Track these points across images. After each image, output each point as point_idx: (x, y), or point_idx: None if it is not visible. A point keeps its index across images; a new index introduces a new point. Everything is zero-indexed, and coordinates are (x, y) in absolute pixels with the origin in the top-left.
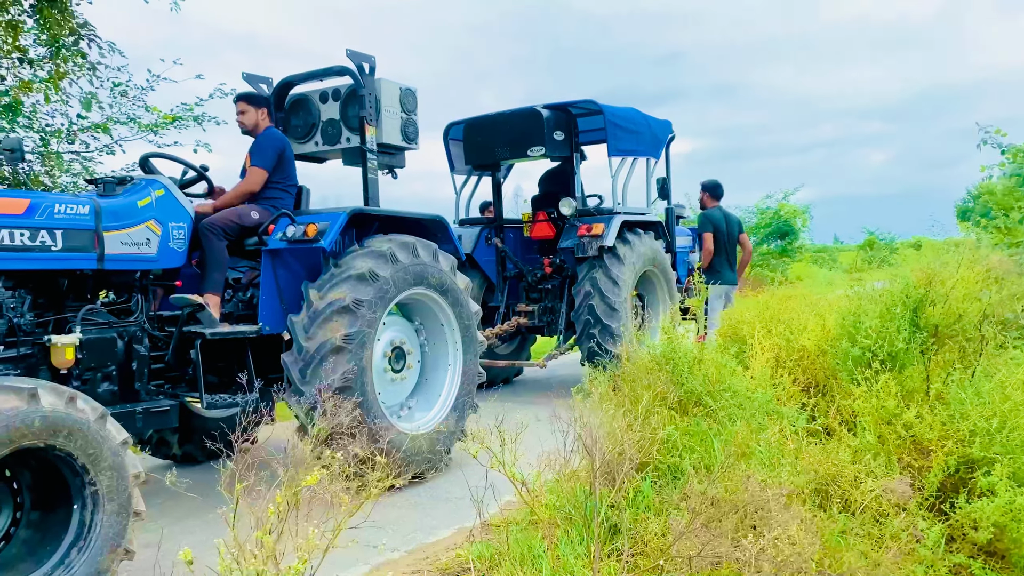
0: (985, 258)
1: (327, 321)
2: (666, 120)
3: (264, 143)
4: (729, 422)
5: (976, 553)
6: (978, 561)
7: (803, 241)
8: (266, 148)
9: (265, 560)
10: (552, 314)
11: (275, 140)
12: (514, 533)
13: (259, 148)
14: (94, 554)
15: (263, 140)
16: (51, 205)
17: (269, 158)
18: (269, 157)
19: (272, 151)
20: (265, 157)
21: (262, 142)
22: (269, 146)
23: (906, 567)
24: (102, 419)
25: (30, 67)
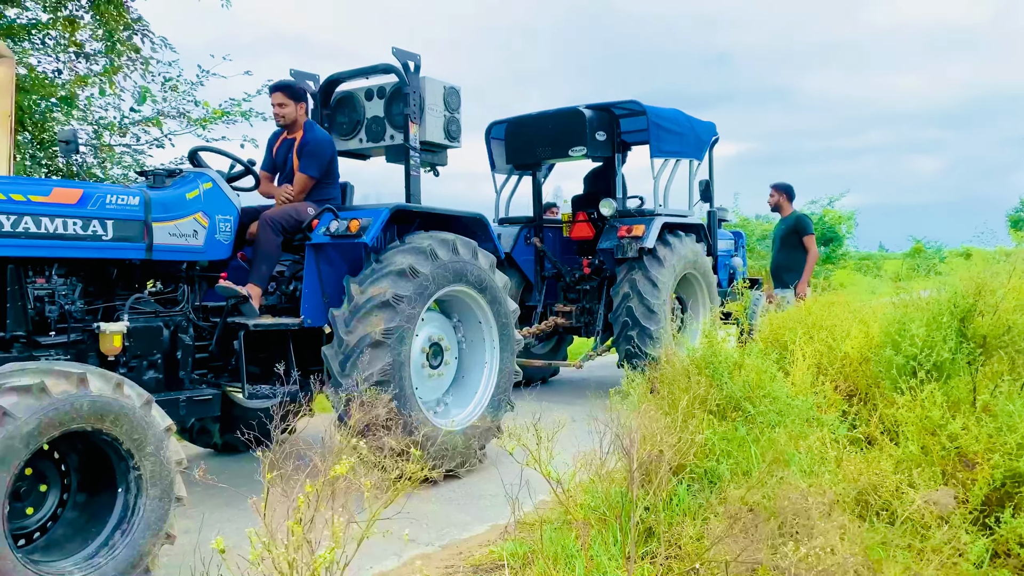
0: None
1: (367, 315)
2: (710, 122)
3: (315, 151)
4: (768, 428)
5: (1021, 570)
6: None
7: (847, 248)
8: (318, 156)
9: (297, 548)
10: (590, 315)
11: (325, 147)
12: (548, 532)
13: (310, 155)
14: (137, 537)
15: (314, 147)
16: (103, 196)
17: (321, 166)
18: (321, 165)
19: (324, 159)
20: (317, 165)
21: (313, 149)
22: (320, 154)
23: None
24: (147, 405)
25: (86, 61)
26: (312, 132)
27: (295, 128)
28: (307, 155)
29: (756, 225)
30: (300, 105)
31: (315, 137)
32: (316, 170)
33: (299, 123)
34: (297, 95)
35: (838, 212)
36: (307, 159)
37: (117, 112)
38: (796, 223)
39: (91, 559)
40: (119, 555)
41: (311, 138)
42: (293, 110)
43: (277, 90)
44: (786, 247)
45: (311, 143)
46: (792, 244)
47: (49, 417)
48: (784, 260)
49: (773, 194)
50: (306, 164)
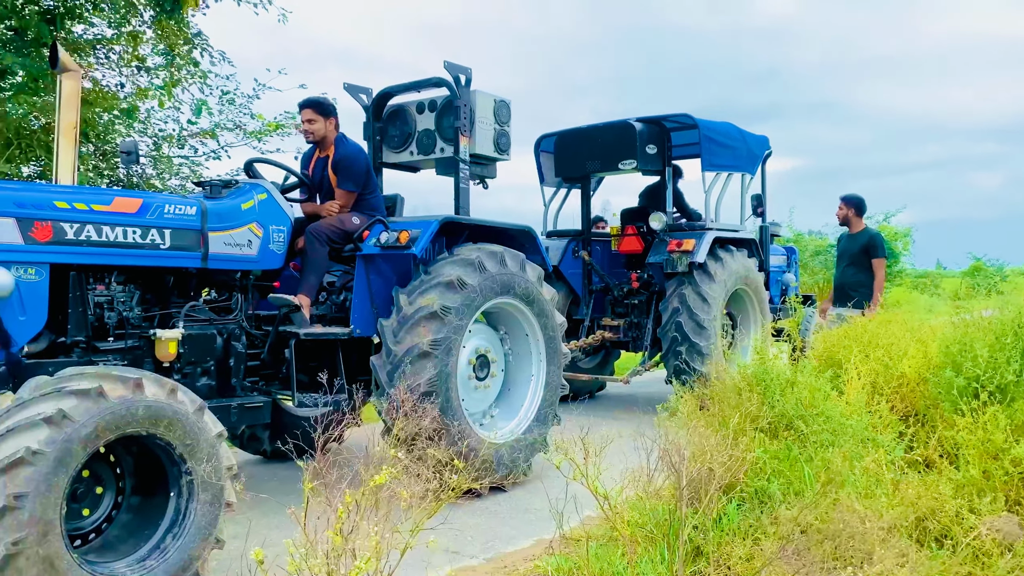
0: None
1: (415, 326)
2: (763, 136)
3: (350, 166)
4: (822, 448)
5: None
6: None
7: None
8: (353, 171)
9: (337, 559)
10: (638, 329)
11: (359, 161)
12: (594, 548)
13: (346, 171)
14: (187, 541)
15: (347, 162)
16: (161, 205)
17: (358, 180)
18: (358, 179)
19: (359, 173)
20: (354, 180)
21: (348, 165)
22: (356, 169)
23: None
24: (200, 411)
25: (147, 75)
26: (343, 147)
27: (326, 145)
28: (342, 171)
29: (809, 241)
30: (330, 120)
31: (347, 152)
32: (353, 184)
33: (329, 139)
34: (326, 111)
35: (894, 228)
36: (343, 175)
37: (176, 124)
38: (869, 242)
39: (143, 561)
40: (170, 558)
41: (343, 153)
42: (322, 126)
43: (306, 107)
44: (854, 265)
45: (344, 158)
46: (861, 264)
47: (106, 420)
48: (851, 279)
49: (842, 207)
50: (343, 180)
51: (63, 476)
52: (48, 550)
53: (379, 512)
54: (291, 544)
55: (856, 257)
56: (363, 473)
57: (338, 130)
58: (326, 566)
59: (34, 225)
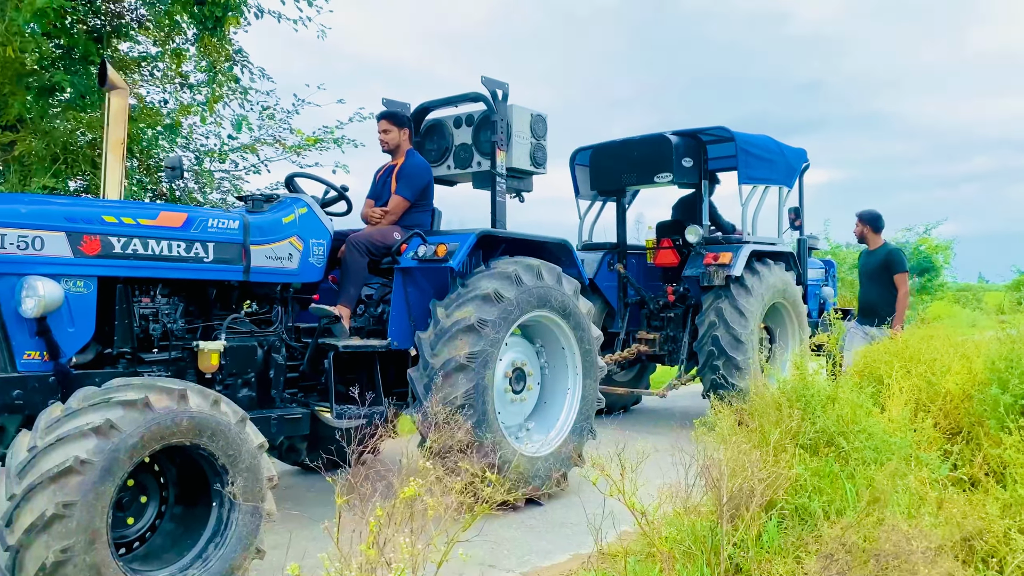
0: None
1: (452, 339)
2: (801, 148)
3: (413, 174)
4: (864, 465)
5: None
6: None
7: (945, 278)
8: (414, 180)
9: (372, 572)
10: (674, 343)
11: (424, 172)
12: (631, 564)
13: (408, 178)
14: (229, 551)
15: (413, 171)
16: (205, 219)
17: (415, 190)
18: (415, 189)
19: (420, 184)
20: (412, 189)
21: (412, 173)
22: (418, 178)
23: None
24: (242, 422)
25: (189, 91)
26: (412, 158)
27: (398, 154)
28: (403, 178)
29: (847, 254)
30: (404, 131)
31: (414, 163)
32: (410, 193)
33: (402, 148)
34: (400, 122)
35: (934, 241)
36: (403, 182)
37: (217, 139)
38: (887, 258)
39: (185, 570)
40: (212, 567)
41: (410, 163)
42: (396, 135)
43: (382, 118)
44: (876, 283)
45: (409, 168)
46: (883, 281)
47: (152, 431)
48: (875, 297)
49: (858, 224)
50: (402, 187)
51: (110, 485)
52: (95, 558)
53: (413, 524)
54: (326, 558)
55: (875, 274)
56: (396, 485)
57: (411, 142)
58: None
59: (83, 239)
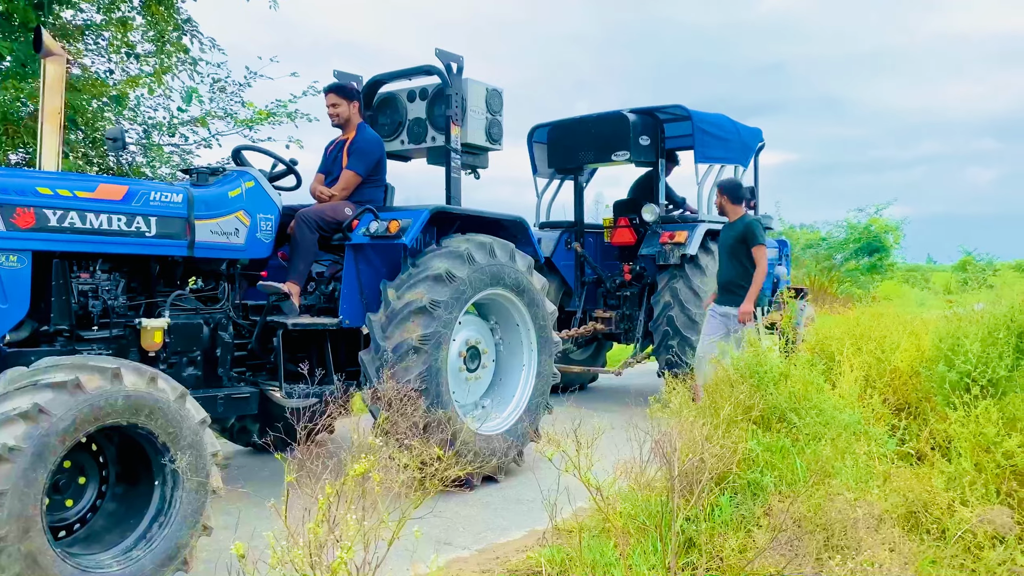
0: None
1: (404, 321)
2: (756, 128)
3: (365, 148)
4: (814, 440)
5: None
6: None
7: (894, 259)
8: (366, 155)
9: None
10: (630, 321)
11: (375, 146)
12: (586, 539)
13: (359, 153)
14: (174, 530)
15: (364, 145)
16: (147, 192)
17: (367, 165)
18: (368, 164)
19: (372, 159)
20: (364, 164)
21: (363, 147)
22: (370, 153)
23: None
24: (181, 399)
25: (136, 61)
26: (363, 132)
27: (349, 128)
28: (354, 153)
29: (801, 234)
30: (353, 104)
31: (365, 137)
32: (362, 168)
33: (352, 123)
34: (349, 95)
35: (885, 221)
36: (354, 157)
37: (166, 112)
38: (744, 230)
39: (129, 552)
40: (157, 547)
41: (361, 137)
42: (346, 109)
43: (330, 91)
44: (734, 259)
45: (360, 142)
46: (739, 255)
47: (84, 413)
48: (732, 275)
49: (717, 195)
50: (353, 162)
51: (42, 471)
52: (30, 546)
53: (365, 501)
54: (272, 536)
55: (733, 248)
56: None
57: (362, 116)
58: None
59: (16, 211)
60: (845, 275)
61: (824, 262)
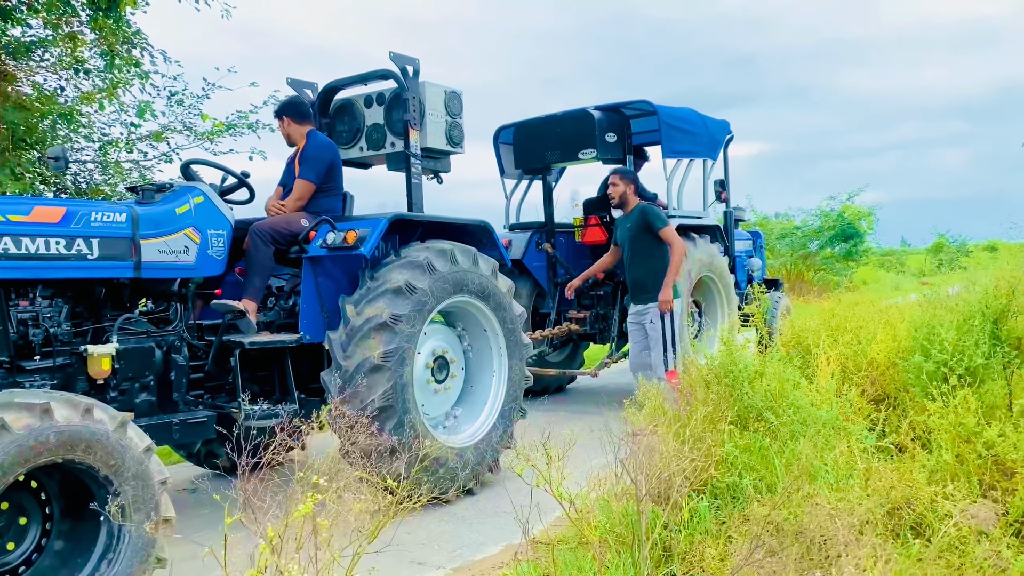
0: None
1: (365, 339)
2: (724, 120)
3: (314, 155)
4: (792, 439)
5: None
6: None
7: (869, 244)
8: (316, 160)
9: None
10: (604, 321)
11: (325, 151)
12: (562, 553)
13: (309, 160)
14: (125, 566)
15: (314, 151)
16: (87, 213)
17: (319, 171)
18: (319, 170)
19: (322, 163)
20: (315, 170)
21: (313, 154)
22: (319, 158)
23: None
24: (122, 428)
25: (86, 76)
26: (311, 140)
27: (299, 140)
28: (305, 160)
29: (775, 224)
30: (304, 123)
31: (314, 143)
32: (313, 174)
33: (301, 134)
34: (300, 114)
35: (858, 207)
36: (305, 164)
37: (124, 128)
38: (642, 217)
39: None
40: None
41: (310, 144)
42: (297, 129)
43: (277, 117)
44: (638, 253)
45: (309, 149)
46: (646, 246)
47: (12, 455)
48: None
49: (617, 183)
50: (305, 170)
51: None
52: None
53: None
54: None
55: (635, 241)
56: (294, 497)
57: (314, 123)
58: None
59: None
60: (821, 263)
61: (800, 251)
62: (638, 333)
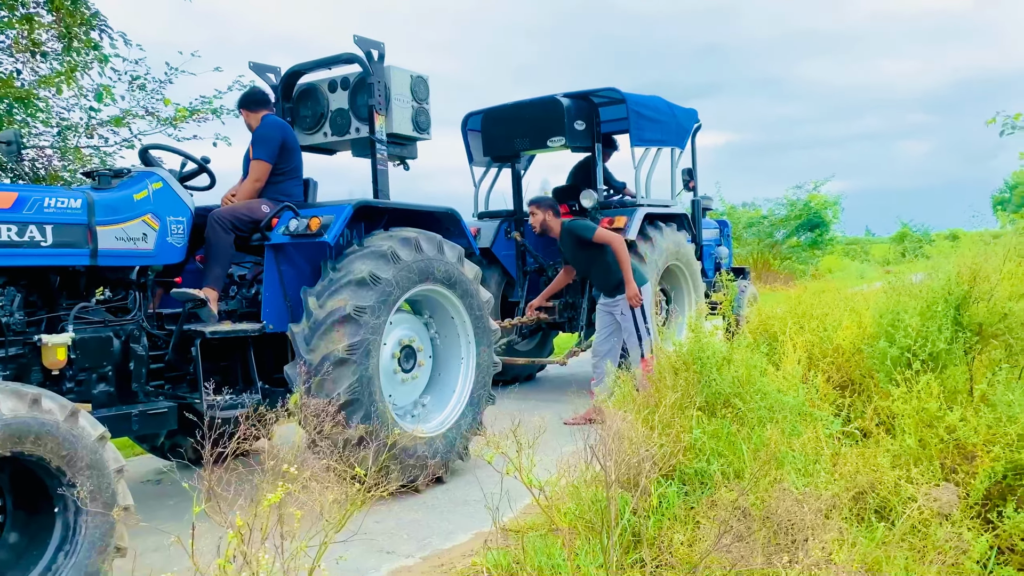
0: None
1: (328, 332)
2: (692, 108)
3: (265, 134)
4: (759, 425)
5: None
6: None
7: (834, 233)
8: (267, 140)
9: None
10: (573, 310)
11: (274, 129)
12: (533, 541)
13: (259, 140)
14: (82, 557)
15: (262, 131)
16: (41, 199)
17: (271, 149)
18: (271, 148)
19: (272, 142)
20: (267, 149)
21: (263, 133)
22: (271, 138)
23: None
24: (73, 417)
25: (44, 59)
26: (263, 121)
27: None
28: (257, 142)
29: (742, 213)
30: (259, 110)
31: (265, 123)
32: (266, 153)
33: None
34: (255, 102)
35: (824, 197)
36: (257, 146)
37: (83, 113)
38: (571, 233)
39: None
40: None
41: (261, 126)
42: (254, 117)
43: (240, 108)
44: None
45: (260, 130)
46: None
47: None
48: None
49: (535, 212)
50: (258, 151)
51: None
52: None
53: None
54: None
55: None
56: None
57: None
58: None
59: None
60: (787, 252)
61: (766, 239)
62: (606, 318)
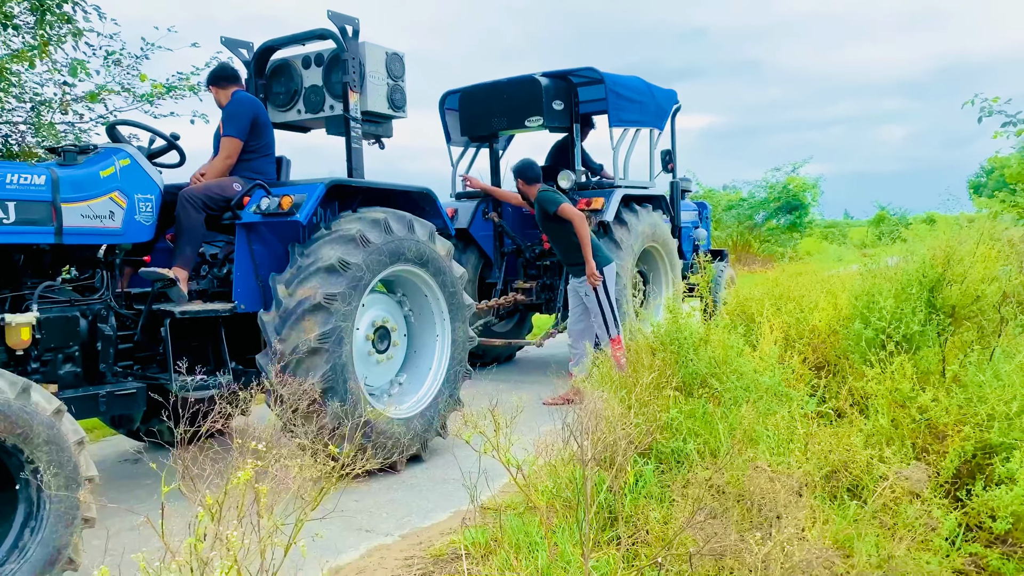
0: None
1: (299, 321)
2: (671, 89)
3: (235, 110)
4: (735, 405)
5: (993, 543)
6: (995, 551)
7: (813, 216)
8: (237, 116)
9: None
10: (550, 291)
11: (245, 105)
12: (510, 519)
13: (229, 116)
14: (49, 533)
15: (232, 107)
16: (2, 175)
17: (241, 126)
18: (241, 125)
19: (243, 118)
20: (237, 125)
21: (233, 109)
22: (240, 114)
23: (920, 558)
24: (24, 393)
25: (16, 33)
26: (233, 98)
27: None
28: (226, 119)
29: (722, 196)
30: (229, 86)
31: (234, 99)
32: (235, 129)
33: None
34: (225, 79)
35: (803, 180)
36: (227, 122)
37: (57, 88)
38: (540, 206)
39: (1, 567)
40: (34, 555)
41: (231, 102)
42: (223, 94)
43: (208, 86)
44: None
45: (230, 106)
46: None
47: None
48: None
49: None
50: (228, 127)
51: None
52: None
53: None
54: (142, 558)
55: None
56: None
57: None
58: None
59: None
60: (767, 234)
61: (746, 222)
62: (574, 300)
